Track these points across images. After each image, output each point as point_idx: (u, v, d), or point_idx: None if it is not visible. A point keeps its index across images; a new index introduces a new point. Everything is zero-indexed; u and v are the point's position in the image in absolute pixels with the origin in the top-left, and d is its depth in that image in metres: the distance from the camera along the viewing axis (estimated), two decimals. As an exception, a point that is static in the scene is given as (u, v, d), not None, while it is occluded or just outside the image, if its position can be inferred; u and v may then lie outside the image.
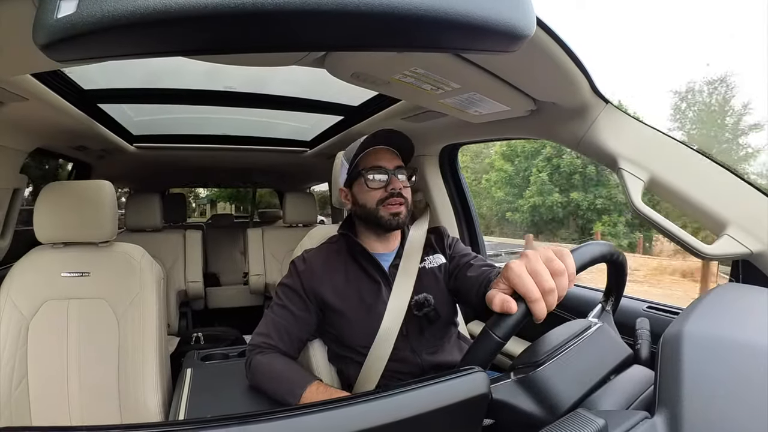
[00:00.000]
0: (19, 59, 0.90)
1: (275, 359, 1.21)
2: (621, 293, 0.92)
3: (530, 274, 0.67)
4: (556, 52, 0.89)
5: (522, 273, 0.67)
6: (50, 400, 1.41)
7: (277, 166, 3.74)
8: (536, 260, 0.69)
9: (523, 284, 0.66)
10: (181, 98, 2.08)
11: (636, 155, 1.10)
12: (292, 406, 0.96)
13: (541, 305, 0.66)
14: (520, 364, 0.72)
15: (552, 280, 0.67)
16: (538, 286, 0.66)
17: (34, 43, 0.35)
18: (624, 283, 0.90)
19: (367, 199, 1.25)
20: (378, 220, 1.25)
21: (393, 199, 1.23)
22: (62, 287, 1.48)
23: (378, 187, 1.24)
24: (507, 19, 0.40)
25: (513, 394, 0.67)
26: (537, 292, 0.66)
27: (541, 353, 0.72)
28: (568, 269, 0.69)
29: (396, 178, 1.24)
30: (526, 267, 0.68)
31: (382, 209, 1.24)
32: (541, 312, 0.66)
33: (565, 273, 0.69)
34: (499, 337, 0.66)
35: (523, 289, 0.66)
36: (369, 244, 1.33)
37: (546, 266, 0.68)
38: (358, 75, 1.06)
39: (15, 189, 1.68)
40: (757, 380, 0.56)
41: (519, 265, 0.68)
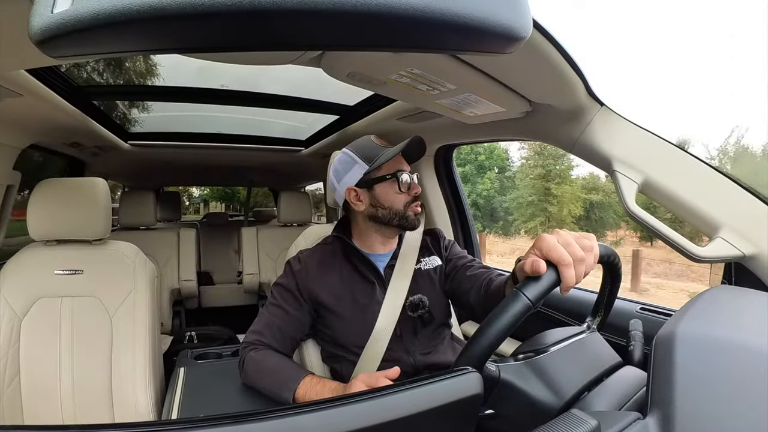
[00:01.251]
0: (14, 54, 0.90)
1: (268, 355, 1.21)
2: (613, 300, 0.92)
3: (562, 245, 0.72)
4: (552, 54, 0.90)
5: (555, 242, 0.72)
6: (42, 398, 1.40)
7: (272, 165, 3.73)
8: (567, 234, 0.74)
9: (556, 250, 0.71)
10: (177, 96, 2.08)
11: (630, 158, 1.11)
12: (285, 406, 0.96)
13: (572, 272, 0.70)
14: (523, 350, 0.73)
15: (582, 252, 0.72)
16: (570, 254, 0.71)
17: (30, 38, 0.35)
18: (617, 288, 0.91)
19: (395, 201, 1.27)
20: (405, 221, 1.28)
21: (416, 202, 1.29)
22: (55, 285, 1.47)
23: (404, 191, 1.27)
24: (503, 20, 0.40)
25: (521, 375, 0.68)
26: (569, 257, 0.70)
27: (544, 343, 0.73)
28: (593, 249, 0.75)
29: (415, 183, 1.29)
30: (557, 239, 0.73)
31: (408, 211, 1.27)
32: (571, 278, 0.70)
33: (593, 250, 0.75)
34: (529, 298, 0.67)
35: (557, 255, 0.70)
36: (371, 245, 1.33)
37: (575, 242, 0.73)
38: (354, 75, 1.06)
39: (8, 185, 1.67)
40: (749, 382, 0.57)
41: (551, 236, 0.73)
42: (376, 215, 1.29)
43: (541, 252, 0.73)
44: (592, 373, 0.75)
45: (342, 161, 1.32)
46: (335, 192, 1.36)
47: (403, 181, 1.26)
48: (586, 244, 0.74)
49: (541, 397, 0.67)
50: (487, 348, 0.64)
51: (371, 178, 1.27)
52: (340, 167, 1.32)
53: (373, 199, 1.28)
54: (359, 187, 1.29)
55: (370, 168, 1.27)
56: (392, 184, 1.27)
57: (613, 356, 0.83)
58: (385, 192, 1.27)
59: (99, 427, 0.43)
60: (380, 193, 1.28)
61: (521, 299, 0.66)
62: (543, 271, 0.69)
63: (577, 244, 0.73)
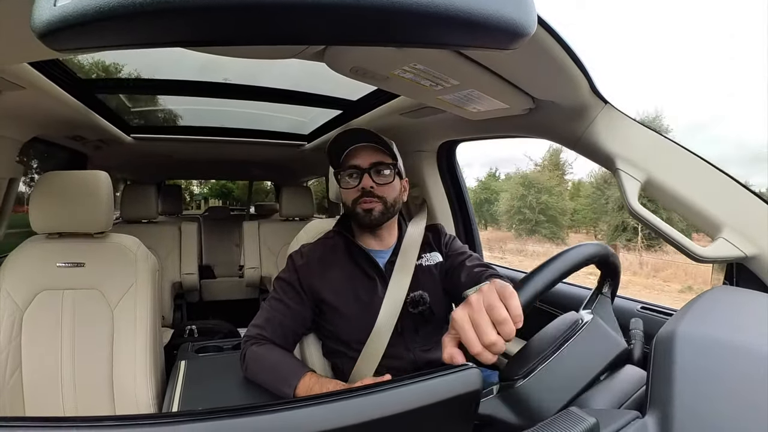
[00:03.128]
0: (17, 47, 0.90)
1: (270, 350, 1.21)
2: (618, 279, 0.91)
3: (473, 326, 0.66)
4: (556, 50, 0.89)
5: (464, 326, 0.66)
6: (44, 390, 1.41)
7: (274, 160, 3.73)
8: (479, 309, 0.67)
9: (465, 338, 0.65)
10: (179, 89, 2.08)
11: (633, 156, 1.11)
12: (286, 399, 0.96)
13: (486, 356, 0.64)
14: (508, 374, 0.72)
15: (493, 333, 0.65)
16: (480, 340, 0.65)
17: (32, 31, 0.35)
18: (618, 278, 0.90)
19: (346, 199, 1.30)
20: (355, 218, 1.29)
21: (364, 198, 1.26)
22: (57, 277, 1.48)
23: (352, 186, 1.27)
24: (508, 16, 0.39)
25: (498, 408, 0.68)
26: (478, 346, 0.64)
27: (530, 360, 0.72)
28: (512, 313, 0.66)
29: (367, 176, 1.26)
30: (470, 317, 0.67)
31: (357, 207, 1.27)
32: (487, 361, 0.65)
33: (507, 320, 0.65)
34: None
35: (466, 343, 0.65)
36: (364, 240, 1.34)
37: (488, 315, 0.66)
38: (357, 69, 1.05)
39: (11, 179, 1.67)
40: (748, 383, 0.57)
41: (462, 316, 0.67)
42: (346, 212, 1.34)
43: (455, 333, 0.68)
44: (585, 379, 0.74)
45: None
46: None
47: (343, 179, 1.29)
48: (499, 317, 0.65)
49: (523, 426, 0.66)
50: None
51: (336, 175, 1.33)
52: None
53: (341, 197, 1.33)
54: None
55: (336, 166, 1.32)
56: (342, 180, 1.30)
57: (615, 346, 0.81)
58: (343, 189, 1.32)
59: (100, 419, 0.43)
60: (341, 189, 1.32)
61: None
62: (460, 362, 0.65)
63: (489, 322, 0.65)
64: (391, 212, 1.29)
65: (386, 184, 1.27)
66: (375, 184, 1.26)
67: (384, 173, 1.27)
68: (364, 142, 1.29)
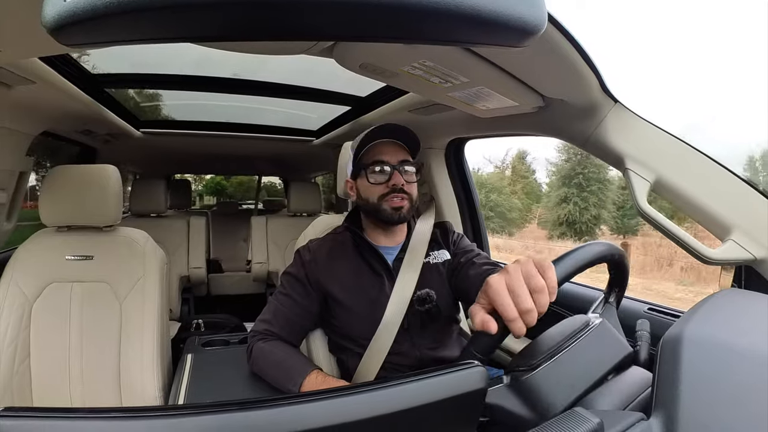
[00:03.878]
0: (27, 42, 0.90)
1: (276, 347, 1.22)
2: (624, 289, 0.91)
3: (509, 292, 0.66)
4: (567, 48, 0.89)
5: (501, 291, 0.66)
6: (51, 382, 1.42)
7: (282, 155, 3.74)
8: (517, 277, 0.67)
9: (501, 303, 0.65)
10: (189, 84, 2.08)
11: (643, 156, 1.10)
12: (291, 394, 0.96)
13: (519, 324, 0.64)
14: (515, 366, 0.72)
15: (530, 300, 0.65)
16: (516, 306, 0.65)
17: (43, 26, 0.35)
18: (626, 281, 0.90)
19: (369, 194, 1.26)
20: (380, 214, 1.26)
21: (394, 194, 1.24)
22: (66, 270, 1.49)
23: (380, 182, 1.24)
24: (518, 13, 0.39)
25: (506, 398, 0.67)
26: (514, 311, 0.64)
27: (538, 355, 0.71)
28: (548, 284, 0.67)
29: (398, 174, 1.24)
30: (506, 283, 0.66)
31: (384, 203, 1.24)
32: (520, 330, 0.64)
33: (545, 290, 0.66)
34: (480, 354, 0.66)
35: (501, 309, 0.65)
36: (374, 237, 1.33)
37: (526, 283, 0.66)
38: (366, 66, 1.05)
39: (21, 172, 1.68)
40: (754, 387, 0.56)
41: (499, 281, 0.67)
42: (362, 207, 1.31)
43: (488, 301, 0.68)
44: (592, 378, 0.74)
45: (344, 154, 1.35)
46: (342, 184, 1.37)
47: (371, 172, 1.25)
48: (537, 285, 0.66)
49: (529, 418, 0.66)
50: None
51: (356, 169, 1.29)
52: (344, 160, 1.35)
53: (357, 191, 1.30)
54: (352, 179, 1.31)
55: (354, 159, 1.28)
56: (366, 176, 1.26)
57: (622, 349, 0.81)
58: (362, 183, 1.28)
59: (107, 410, 0.43)
60: (359, 184, 1.29)
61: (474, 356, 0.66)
62: (493, 331, 0.65)
63: (526, 290, 0.65)
64: (413, 210, 1.30)
65: (413, 182, 1.27)
66: (405, 181, 1.25)
67: (411, 171, 1.27)
68: (390, 138, 1.28)
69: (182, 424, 0.44)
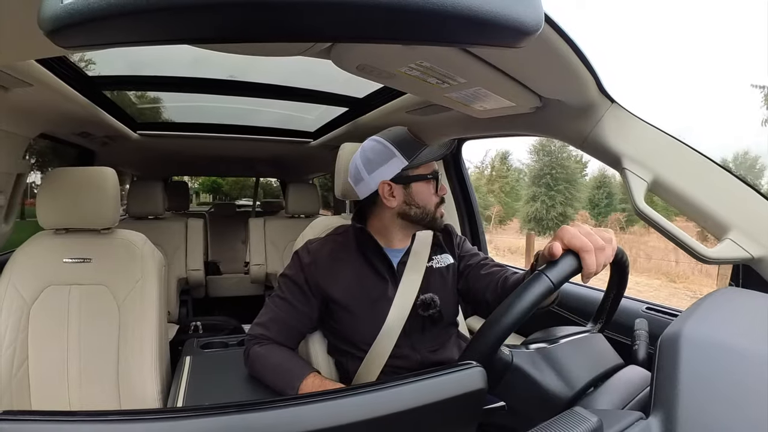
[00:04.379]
0: (25, 45, 0.90)
1: (273, 351, 1.21)
2: (618, 301, 0.92)
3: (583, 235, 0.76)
4: (564, 49, 0.89)
5: (576, 231, 0.76)
6: (50, 385, 1.42)
7: (280, 156, 3.73)
8: (587, 227, 0.78)
9: (578, 238, 0.75)
10: (186, 86, 2.08)
11: (640, 156, 1.10)
12: (290, 396, 0.96)
13: (593, 258, 0.74)
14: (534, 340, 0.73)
15: (601, 241, 0.76)
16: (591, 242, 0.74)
17: (40, 28, 0.35)
18: (625, 286, 0.90)
19: (429, 201, 1.26)
20: (434, 222, 1.28)
21: (442, 203, 1.29)
22: (64, 273, 1.49)
23: (432, 192, 1.27)
24: (515, 14, 0.39)
25: (533, 362, 0.69)
26: (590, 244, 0.74)
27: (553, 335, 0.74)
28: (612, 241, 0.79)
29: (443, 185, 1.31)
30: (579, 230, 0.77)
31: (437, 212, 1.28)
32: (592, 264, 0.74)
33: (611, 242, 0.78)
34: (551, 280, 0.69)
35: (579, 242, 0.74)
36: (390, 240, 1.31)
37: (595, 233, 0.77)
38: (363, 67, 1.05)
39: (18, 174, 1.68)
40: (753, 385, 0.56)
41: (572, 227, 0.78)
42: (408, 213, 1.26)
43: (562, 241, 0.76)
44: (599, 368, 0.75)
45: (377, 151, 1.26)
46: (360, 183, 1.29)
47: (439, 183, 1.28)
48: (606, 236, 0.78)
49: (551, 387, 0.67)
50: (509, 326, 0.66)
51: (410, 175, 1.24)
52: (373, 157, 1.25)
53: (408, 197, 1.24)
54: (395, 182, 1.24)
55: (411, 164, 1.23)
56: (429, 185, 1.25)
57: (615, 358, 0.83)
58: (421, 191, 1.25)
59: (105, 413, 0.43)
60: (417, 191, 1.25)
61: (544, 280, 0.68)
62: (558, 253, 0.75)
63: (596, 235, 0.76)
64: None
65: None
66: None
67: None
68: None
69: (181, 427, 0.44)
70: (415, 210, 1.25)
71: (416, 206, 1.25)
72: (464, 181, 2.25)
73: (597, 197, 24.16)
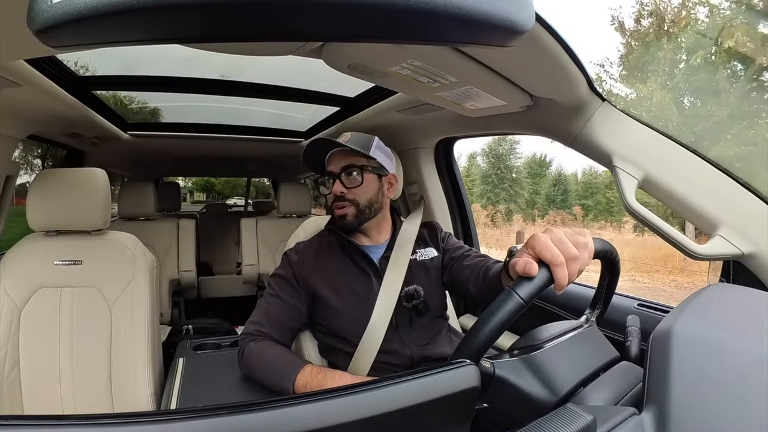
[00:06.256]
0: (13, 45, 0.89)
1: (267, 347, 1.21)
2: (611, 296, 0.92)
3: (554, 244, 0.71)
4: (554, 48, 0.89)
5: (547, 240, 0.71)
6: (42, 388, 1.41)
7: (272, 156, 3.72)
8: (559, 233, 0.73)
9: (548, 250, 0.70)
10: (176, 86, 2.07)
11: (631, 154, 1.11)
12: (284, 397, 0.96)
13: (564, 271, 0.69)
14: (519, 346, 0.73)
15: (574, 249, 0.71)
16: (562, 253, 0.70)
17: (29, 28, 0.35)
18: (616, 284, 0.91)
19: (328, 202, 1.32)
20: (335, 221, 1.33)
21: (336, 203, 1.28)
22: (55, 275, 1.47)
23: (328, 193, 1.30)
24: (506, 13, 0.39)
25: (515, 371, 0.68)
26: (561, 257, 0.69)
27: (540, 339, 0.74)
28: (588, 246, 0.74)
29: (339, 182, 1.28)
30: (550, 237, 0.72)
31: (334, 212, 1.30)
32: (563, 278, 0.69)
33: (587, 247, 0.74)
34: (521, 297, 0.67)
35: (549, 255, 0.70)
36: (357, 237, 1.35)
37: (569, 239, 0.72)
38: (355, 66, 1.05)
39: (7, 176, 1.66)
40: (744, 380, 0.57)
41: (544, 235, 0.73)
42: None
43: (533, 251, 0.72)
44: (589, 368, 0.75)
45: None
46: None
47: (321, 186, 1.34)
48: (580, 240, 0.73)
49: (535, 394, 0.67)
50: (482, 344, 0.65)
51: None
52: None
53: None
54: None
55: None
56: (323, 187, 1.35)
57: (611, 351, 0.84)
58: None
59: (98, 416, 0.43)
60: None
61: (514, 298, 0.67)
62: (535, 273, 0.69)
63: (570, 242, 0.72)
64: (367, 214, 1.30)
65: (355, 187, 1.27)
66: (345, 188, 1.27)
67: (352, 176, 1.27)
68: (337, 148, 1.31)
69: (174, 429, 0.44)
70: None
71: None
72: (455, 180, 2.26)
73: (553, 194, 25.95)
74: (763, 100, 11.23)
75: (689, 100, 13.50)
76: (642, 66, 14.43)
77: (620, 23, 15.13)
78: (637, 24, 14.81)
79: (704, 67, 12.21)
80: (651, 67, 13.95)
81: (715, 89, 11.92)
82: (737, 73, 11.65)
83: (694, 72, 12.76)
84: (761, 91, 11.22)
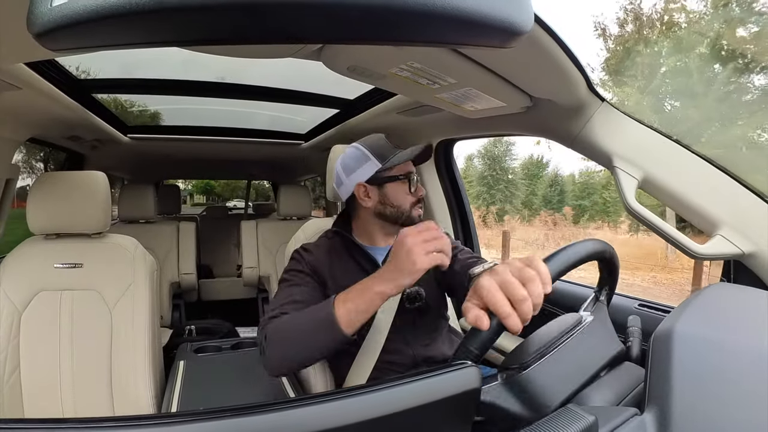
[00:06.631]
0: (13, 48, 0.89)
1: (291, 316, 1.12)
2: (614, 286, 0.92)
3: (500, 287, 0.66)
4: (553, 48, 0.89)
5: (491, 287, 0.66)
6: (43, 391, 1.41)
7: (272, 159, 3.72)
8: (505, 272, 0.67)
9: (493, 299, 0.65)
10: (176, 89, 2.07)
11: (631, 154, 1.11)
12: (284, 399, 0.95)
13: (514, 320, 0.64)
14: (509, 364, 0.72)
15: (523, 289, 0.65)
16: (509, 298, 0.65)
17: (29, 31, 0.35)
18: (616, 278, 0.91)
19: (403, 202, 1.30)
20: (409, 221, 1.30)
21: (418, 204, 1.32)
22: (55, 278, 1.47)
23: (408, 193, 1.31)
24: (505, 14, 0.39)
25: (501, 396, 0.67)
26: (507, 306, 0.64)
27: (531, 352, 0.71)
28: (540, 274, 0.67)
29: (419, 186, 1.33)
30: (496, 281, 0.67)
31: (413, 211, 1.31)
32: (515, 326, 0.64)
33: (536, 278, 0.67)
34: (476, 350, 0.66)
35: (494, 305, 0.65)
36: (372, 239, 1.35)
37: (516, 276, 0.67)
38: (354, 68, 1.05)
39: (8, 179, 1.67)
40: (745, 380, 0.57)
41: (489, 280, 0.67)
42: (384, 213, 1.31)
43: (480, 301, 0.67)
44: (585, 374, 0.74)
45: (354, 156, 1.32)
46: (341, 186, 1.35)
47: (411, 184, 1.30)
48: (527, 275, 0.67)
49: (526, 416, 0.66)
50: None
51: (383, 177, 1.29)
52: (350, 162, 1.32)
53: (383, 197, 1.30)
54: (369, 184, 1.30)
55: (384, 167, 1.28)
56: (403, 185, 1.30)
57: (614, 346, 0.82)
58: (395, 191, 1.30)
59: (99, 420, 0.43)
60: (390, 192, 1.30)
61: (470, 353, 0.65)
62: (485, 327, 0.65)
63: (517, 281, 0.66)
64: None
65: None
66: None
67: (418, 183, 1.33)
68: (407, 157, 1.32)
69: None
70: (390, 209, 1.30)
71: (390, 206, 1.30)
72: (455, 181, 2.25)
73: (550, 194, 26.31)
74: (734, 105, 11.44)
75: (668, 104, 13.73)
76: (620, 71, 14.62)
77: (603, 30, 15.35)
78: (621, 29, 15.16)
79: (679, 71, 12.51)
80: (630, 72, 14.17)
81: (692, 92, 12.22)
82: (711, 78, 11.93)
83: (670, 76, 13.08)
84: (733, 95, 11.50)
